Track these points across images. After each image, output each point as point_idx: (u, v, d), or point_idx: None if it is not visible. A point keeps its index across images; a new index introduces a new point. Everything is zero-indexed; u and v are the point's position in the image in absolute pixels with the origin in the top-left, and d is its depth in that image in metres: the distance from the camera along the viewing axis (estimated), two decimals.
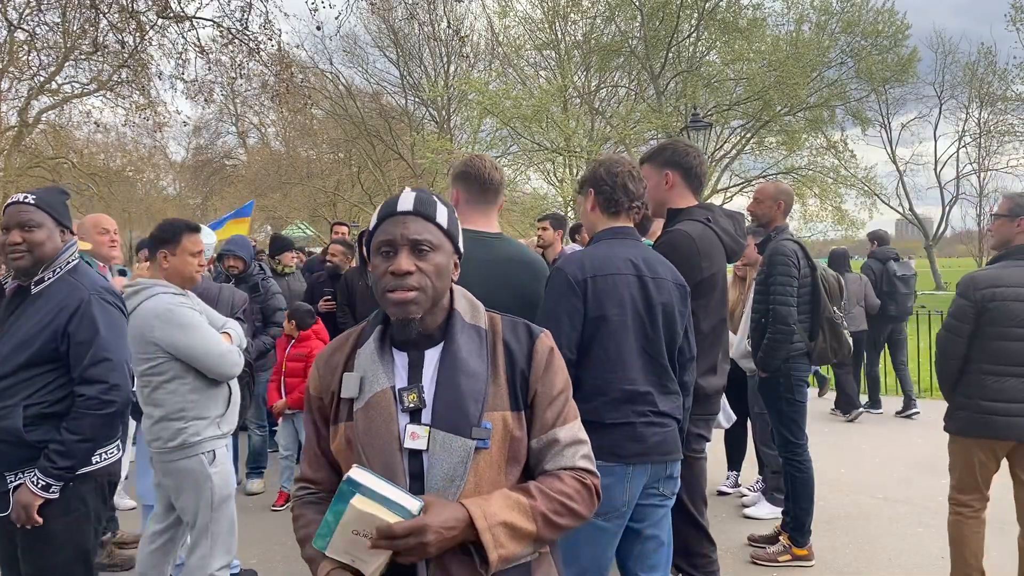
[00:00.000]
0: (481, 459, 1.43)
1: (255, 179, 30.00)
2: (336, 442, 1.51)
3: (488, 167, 2.67)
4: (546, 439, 1.50)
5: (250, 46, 11.78)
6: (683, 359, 2.58)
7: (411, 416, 1.45)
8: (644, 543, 2.50)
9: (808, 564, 4.21)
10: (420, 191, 1.54)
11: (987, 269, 3.42)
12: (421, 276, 1.45)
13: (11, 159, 21.17)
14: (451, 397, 1.44)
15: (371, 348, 1.52)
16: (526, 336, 1.55)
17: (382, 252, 1.48)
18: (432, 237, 1.48)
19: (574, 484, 1.47)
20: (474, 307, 1.58)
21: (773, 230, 4.26)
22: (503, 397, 1.48)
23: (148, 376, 3.11)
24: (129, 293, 3.12)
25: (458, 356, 1.48)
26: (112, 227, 4.47)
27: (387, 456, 1.42)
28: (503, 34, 25.60)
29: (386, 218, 1.51)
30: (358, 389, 1.48)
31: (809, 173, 24.85)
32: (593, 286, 2.42)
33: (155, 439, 3.13)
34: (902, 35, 23.87)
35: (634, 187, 2.59)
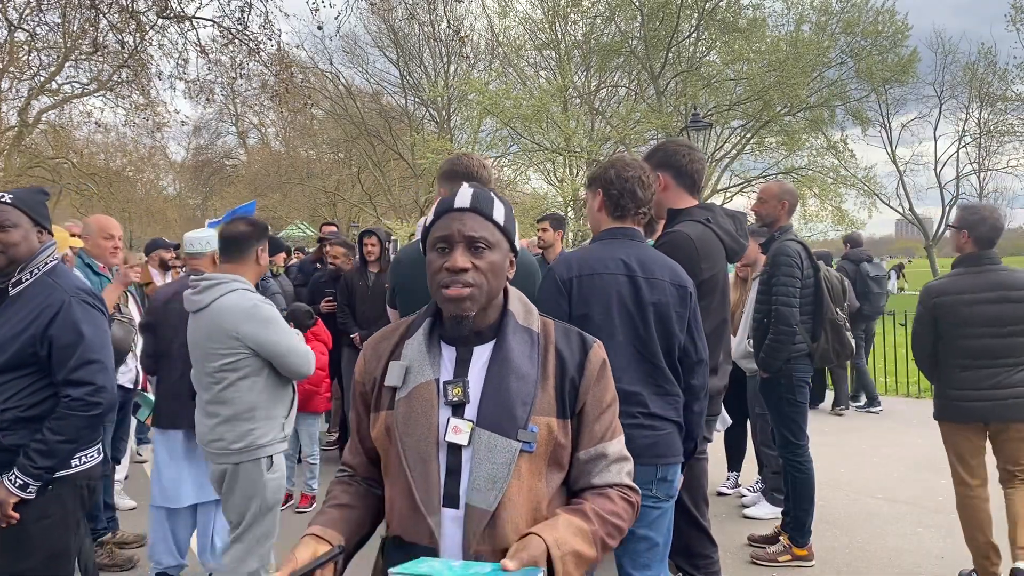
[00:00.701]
0: (524, 463, 1.42)
1: (255, 179, 30.05)
2: (376, 429, 1.51)
3: (475, 165, 2.66)
4: (594, 452, 1.49)
5: (250, 46, 11.78)
6: (689, 361, 2.53)
7: (453, 410, 1.44)
8: (636, 543, 2.50)
9: (808, 564, 4.21)
10: (478, 187, 1.53)
11: (940, 279, 3.89)
12: (476, 274, 1.44)
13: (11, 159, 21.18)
14: (499, 397, 1.43)
15: (419, 339, 1.52)
16: (579, 344, 1.54)
17: (438, 248, 1.47)
18: (488, 235, 1.47)
19: (623, 504, 1.48)
20: (528, 310, 1.57)
21: (777, 230, 4.26)
22: (550, 403, 1.46)
23: (223, 372, 3.05)
24: (204, 286, 3.06)
25: (509, 357, 1.47)
26: (117, 232, 4.49)
27: (424, 448, 1.42)
28: (503, 34, 25.65)
29: (443, 214, 1.49)
30: (402, 379, 1.48)
31: (809, 173, 24.85)
32: (578, 285, 2.43)
33: (217, 439, 3.07)
34: (902, 35, 23.87)
35: (642, 194, 2.56)
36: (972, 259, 3.80)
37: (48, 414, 2.40)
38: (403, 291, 2.50)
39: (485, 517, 1.38)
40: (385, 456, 1.50)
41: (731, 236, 3.00)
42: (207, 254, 3.91)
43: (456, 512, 1.40)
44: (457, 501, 1.41)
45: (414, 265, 2.50)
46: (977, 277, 3.74)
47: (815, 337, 4.24)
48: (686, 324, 2.51)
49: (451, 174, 2.66)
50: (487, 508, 1.38)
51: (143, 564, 4.34)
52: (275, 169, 29.45)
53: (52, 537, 2.45)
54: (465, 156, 2.69)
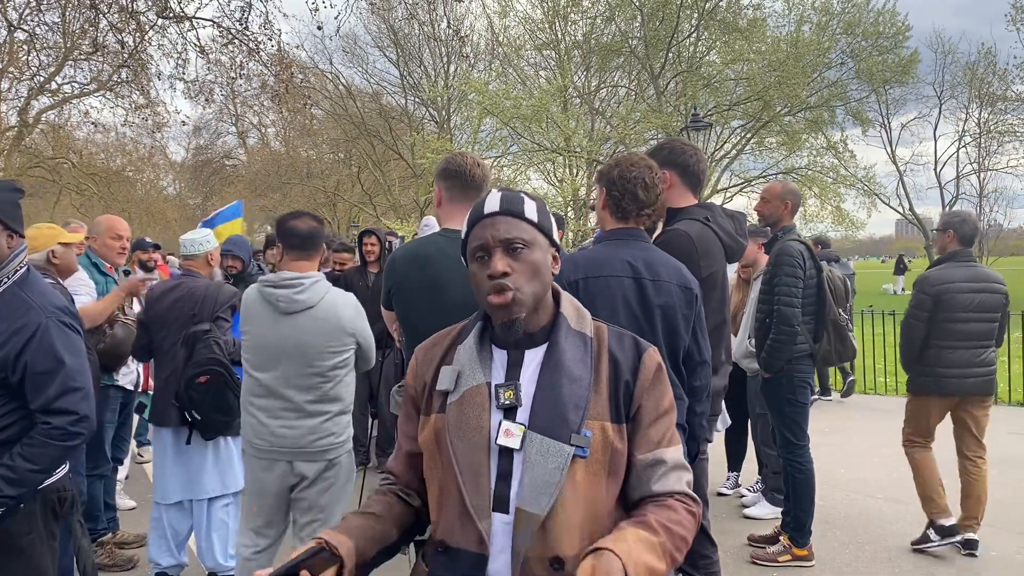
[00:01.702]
0: (579, 468, 1.38)
1: (255, 179, 30.04)
2: (424, 433, 1.49)
3: (470, 163, 2.63)
4: (652, 458, 1.46)
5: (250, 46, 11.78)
6: (692, 363, 2.52)
7: (505, 414, 1.42)
8: None
9: (808, 564, 4.21)
10: (506, 190, 1.52)
11: (936, 270, 4.39)
12: (518, 276, 1.43)
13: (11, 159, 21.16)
14: (551, 400, 1.41)
15: (471, 344, 1.51)
16: (633, 348, 1.52)
17: (477, 258, 1.47)
18: (524, 234, 1.46)
19: (686, 515, 1.43)
20: (580, 314, 1.55)
21: (780, 230, 4.25)
22: (604, 406, 1.44)
23: (337, 370, 3.04)
24: (308, 284, 3.01)
25: (561, 360, 1.45)
26: (126, 233, 4.48)
27: (475, 451, 1.40)
28: (503, 34, 25.63)
29: (476, 223, 1.49)
30: (454, 383, 1.46)
31: (809, 173, 24.82)
32: (585, 287, 2.41)
33: (324, 436, 3.03)
34: (903, 36, 23.86)
35: (644, 196, 2.52)
36: (958, 255, 4.35)
37: (15, 439, 2.22)
38: (399, 291, 2.48)
39: (536, 522, 1.35)
40: (432, 460, 1.47)
41: (730, 235, 2.99)
42: (201, 255, 3.91)
43: (506, 517, 1.38)
44: (507, 506, 1.38)
45: (409, 265, 2.48)
46: (966, 270, 4.31)
47: (817, 338, 4.24)
48: (691, 326, 2.49)
49: (446, 173, 2.64)
50: (539, 513, 1.35)
51: (143, 564, 4.34)
52: (275, 169, 29.43)
53: (32, 556, 2.32)
54: (460, 155, 2.66)
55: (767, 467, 5.14)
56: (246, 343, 3.11)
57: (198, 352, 3.56)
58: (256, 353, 3.06)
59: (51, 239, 3.75)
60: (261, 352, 3.04)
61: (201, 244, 3.90)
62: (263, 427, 3.03)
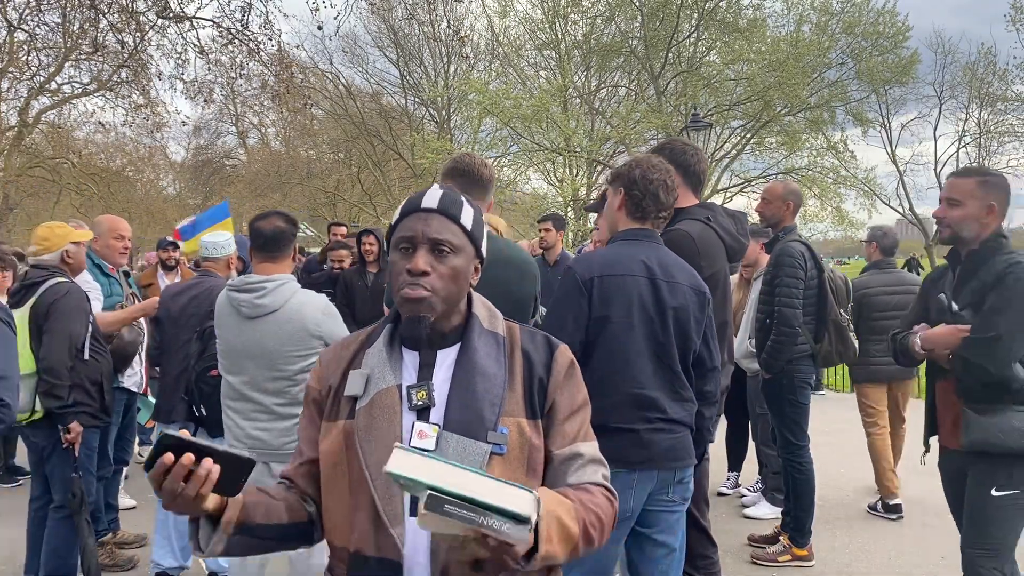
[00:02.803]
0: (496, 466, 1.36)
1: (255, 179, 30.00)
2: (328, 439, 1.43)
3: (477, 163, 2.65)
4: (569, 452, 1.45)
5: (250, 46, 11.78)
6: (703, 368, 2.51)
7: (418, 415, 1.40)
8: (654, 549, 2.48)
9: (808, 564, 4.21)
10: (448, 189, 1.49)
11: (858, 278, 5.24)
12: (437, 278, 1.40)
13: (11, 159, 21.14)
14: (466, 399, 1.39)
15: (380, 347, 1.47)
16: (545, 346, 1.51)
17: (401, 248, 1.43)
18: (454, 238, 1.43)
19: (604, 500, 1.41)
20: (493, 315, 1.53)
21: (781, 231, 4.25)
22: (519, 403, 1.43)
23: (304, 373, 2.95)
24: (271, 289, 2.96)
25: (474, 359, 1.43)
26: (128, 233, 4.50)
27: (386, 456, 1.30)
28: (503, 34, 25.63)
29: (409, 213, 1.45)
30: (363, 387, 1.42)
31: (809, 173, 24.82)
32: (600, 286, 2.39)
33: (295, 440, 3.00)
34: (903, 36, 23.85)
35: (665, 197, 2.52)
36: (880, 263, 5.25)
37: None
38: None
39: None
40: (337, 468, 1.41)
41: (731, 235, 2.99)
42: (223, 258, 3.90)
43: None
44: None
45: None
46: (886, 275, 5.18)
47: (818, 338, 4.24)
48: (703, 330, 2.48)
49: (454, 171, 2.66)
50: None
51: (143, 564, 4.34)
52: (275, 169, 29.38)
53: None
54: (467, 155, 2.69)
55: (767, 467, 5.14)
56: (218, 346, 3.10)
57: (211, 346, 3.55)
58: (225, 357, 3.05)
59: (63, 239, 3.79)
60: (229, 356, 3.03)
61: (223, 247, 3.89)
62: (240, 429, 3.02)
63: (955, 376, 2.68)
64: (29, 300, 3.58)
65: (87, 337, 3.65)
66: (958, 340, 2.62)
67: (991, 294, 2.58)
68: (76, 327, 3.58)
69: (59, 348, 3.48)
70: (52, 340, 3.48)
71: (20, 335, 3.41)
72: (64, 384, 3.48)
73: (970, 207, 2.67)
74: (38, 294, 3.58)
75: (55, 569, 3.60)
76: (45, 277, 3.65)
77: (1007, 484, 2.61)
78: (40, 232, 3.81)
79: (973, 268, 2.69)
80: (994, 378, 2.55)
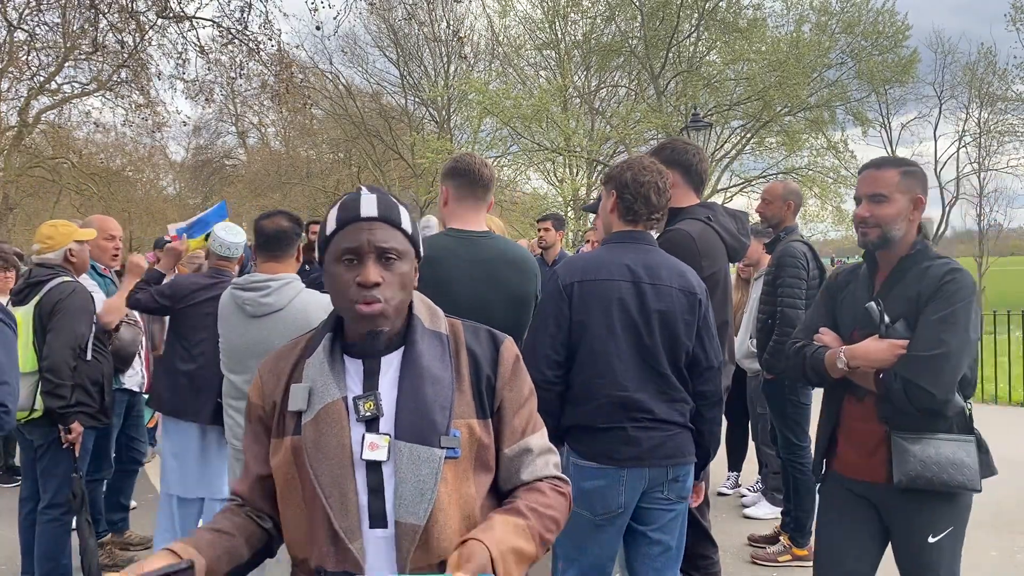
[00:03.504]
0: (450, 470, 1.35)
1: (255, 179, 30.00)
2: (278, 457, 1.41)
3: (478, 163, 2.66)
4: (519, 448, 1.46)
5: (250, 46, 11.79)
6: (699, 369, 2.49)
7: (367, 426, 1.37)
8: (650, 547, 2.49)
9: (808, 564, 4.20)
10: (380, 193, 1.44)
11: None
12: (388, 287, 1.37)
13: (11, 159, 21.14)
14: (415, 405, 1.36)
15: (320, 357, 1.42)
16: (489, 341, 1.49)
17: (345, 260, 1.38)
18: (398, 245, 1.40)
19: (557, 497, 1.44)
20: (433, 312, 1.51)
21: (782, 231, 4.25)
22: (468, 404, 1.41)
23: None
24: (276, 287, 2.96)
25: (420, 362, 1.40)
26: (118, 233, 4.44)
27: (338, 470, 1.33)
28: (503, 34, 25.63)
29: (349, 223, 1.39)
30: (307, 401, 1.38)
31: (809, 173, 24.85)
32: (580, 290, 2.40)
33: None
34: (902, 36, 23.87)
35: (657, 200, 2.52)
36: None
37: None
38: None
39: (417, 532, 1.32)
40: (289, 485, 1.39)
41: (732, 235, 2.99)
42: (237, 257, 3.87)
43: (385, 532, 1.33)
44: (385, 520, 1.34)
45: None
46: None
47: None
48: (695, 331, 2.46)
49: (455, 171, 2.66)
50: (418, 523, 1.32)
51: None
52: (275, 169, 29.39)
53: None
54: (468, 155, 2.69)
55: (767, 467, 5.14)
56: (221, 345, 3.09)
57: None
58: (228, 355, 3.04)
59: (67, 237, 3.77)
60: (233, 355, 3.02)
61: (239, 247, 3.86)
62: (240, 428, 3.01)
63: (879, 398, 2.27)
64: (33, 298, 3.57)
65: (90, 337, 3.65)
66: (894, 358, 2.22)
67: (930, 305, 2.20)
68: (80, 327, 3.57)
69: (62, 347, 3.47)
70: (56, 339, 3.47)
71: (23, 333, 3.40)
72: (67, 384, 3.47)
73: (899, 202, 2.28)
74: (43, 292, 3.57)
75: (49, 571, 3.58)
76: (50, 276, 3.64)
77: (940, 528, 2.28)
78: (44, 230, 3.79)
79: (902, 274, 2.31)
80: (937, 403, 2.17)
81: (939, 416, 2.22)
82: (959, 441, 2.25)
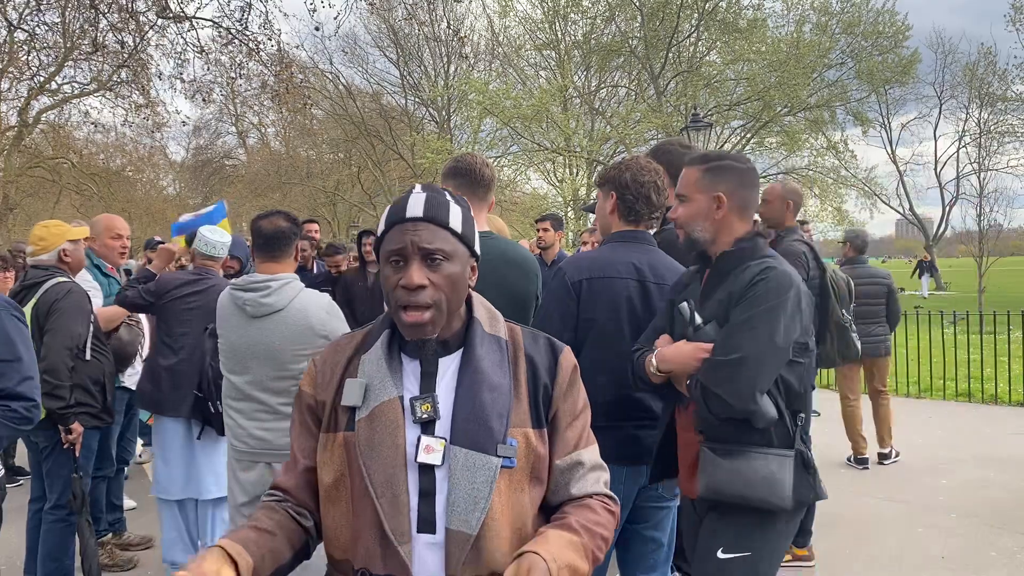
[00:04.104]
0: (504, 479, 1.32)
1: (255, 179, 30.01)
2: (329, 451, 1.38)
3: (479, 163, 2.66)
4: (571, 460, 1.41)
5: (249, 46, 11.79)
6: None
7: (423, 428, 1.34)
8: (643, 544, 2.50)
9: (808, 564, 4.21)
10: (431, 192, 1.40)
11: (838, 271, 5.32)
12: (435, 290, 1.33)
13: (11, 159, 21.15)
14: (473, 411, 1.33)
15: (378, 354, 1.40)
16: (548, 349, 1.46)
17: (392, 262, 1.35)
18: (445, 245, 1.35)
19: (606, 515, 1.39)
20: (493, 316, 1.47)
21: (783, 231, 4.24)
22: (525, 412, 1.38)
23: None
24: (276, 288, 2.95)
25: (479, 368, 1.37)
26: (125, 232, 4.46)
27: (391, 471, 1.31)
28: (503, 34, 25.67)
29: (395, 224, 1.37)
30: (362, 397, 1.36)
31: (809, 174, 24.89)
32: (588, 288, 2.40)
33: None
34: (903, 36, 23.89)
35: (656, 198, 2.52)
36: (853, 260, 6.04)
37: None
38: None
39: (468, 541, 1.28)
40: (339, 482, 1.36)
41: None
42: (222, 258, 3.89)
43: (434, 537, 1.30)
44: (434, 526, 1.30)
45: None
46: (859, 269, 5.96)
47: (820, 339, 4.22)
48: None
49: (455, 171, 2.66)
50: (470, 532, 1.28)
51: (143, 565, 4.34)
52: (275, 169, 29.40)
53: None
54: (468, 155, 2.69)
55: None
56: (220, 346, 3.09)
57: None
58: (228, 356, 3.04)
59: (60, 238, 3.77)
60: (232, 356, 3.01)
61: (225, 247, 3.87)
62: (241, 429, 3.01)
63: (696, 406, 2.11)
64: (30, 300, 3.56)
65: (88, 337, 3.64)
66: (697, 362, 2.06)
67: (736, 308, 2.06)
68: (77, 327, 3.56)
69: (59, 348, 3.46)
70: (53, 340, 3.47)
71: None
72: (64, 384, 3.46)
73: (698, 202, 2.18)
74: (39, 294, 3.57)
75: (52, 572, 3.59)
76: (46, 277, 3.64)
77: (734, 545, 2.08)
78: (36, 232, 3.79)
79: (721, 274, 2.17)
80: (736, 412, 1.99)
81: (750, 427, 2.03)
82: (775, 456, 2.04)
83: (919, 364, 9.31)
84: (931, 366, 9.54)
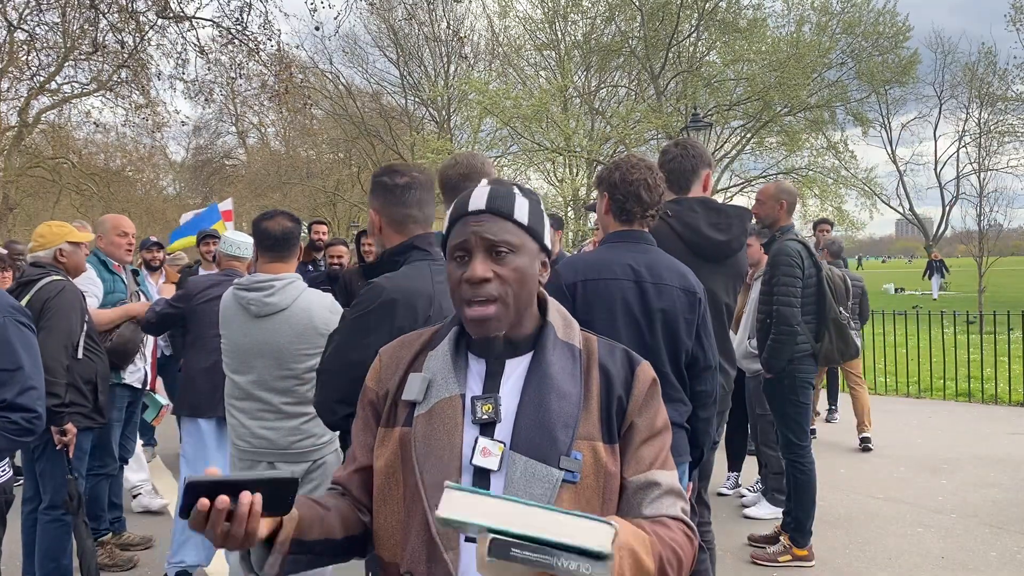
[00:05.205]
0: (566, 495, 1.23)
1: (255, 179, 30.01)
2: (385, 446, 1.33)
3: (479, 163, 2.64)
4: (644, 480, 1.30)
5: (249, 46, 11.78)
6: (697, 368, 2.49)
7: (482, 430, 1.27)
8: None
9: (808, 564, 4.21)
10: (496, 184, 1.35)
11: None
12: (500, 284, 1.27)
13: (11, 159, 21.14)
14: (537, 417, 1.26)
15: (444, 350, 1.35)
16: (625, 361, 1.37)
17: (456, 257, 1.30)
18: (511, 237, 1.29)
19: (683, 537, 1.25)
20: (568, 323, 1.39)
21: (778, 230, 4.25)
22: (595, 425, 1.29)
23: (311, 373, 2.92)
24: (280, 287, 2.96)
25: (548, 372, 1.30)
26: (131, 230, 4.48)
27: (445, 471, 1.24)
28: (503, 34, 25.67)
29: (459, 219, 1.32)
30: (423, 393, 1.31)
31: (809, 174, 24.85)
32: (583, 290, 2.40)
33: (305, 437, 2.97)
34: (903, 36, 23.88)
35: (648, 196, 2.51)
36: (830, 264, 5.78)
37: None
38: None
39: None
40: (392, 479, 1.31)
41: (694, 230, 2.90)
42: (248, 258, 3.89)
43: None
44: None
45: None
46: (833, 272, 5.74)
47: (818, 337, 4.23)
48: (695, 330, 2.47)
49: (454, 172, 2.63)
50: None
51: (143, 565, 4.34)
52: (275, 169, 29.39)
53: None
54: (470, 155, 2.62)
55: (767, 467, 5.14)
56: (223, 346, 3.09)
57: None
58: (232, 356, 3.04)
59: (59, 237, 3.77)
60: (236, 355, 3.01)
61: (249, 247, 3.87)
62: (244, 429, 3.01)
63: None
64: (24, 298, 3.56)
65: (81, 336, 3.64)
66: None
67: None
68: (71, 324, 3.57)
69: (54, 346, 3.45)
70: (47, 338, 3.45)
71: None
72: (60, 382, 3.45)
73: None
74: (33, 291, 3.57)
75: (50, 572, 3.58)
76: (41, 275, 3.65)
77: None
78: (39, 229, 3.83)
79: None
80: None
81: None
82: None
83: (919, 364, 9.31)
84: (931, 366, 9.54)
